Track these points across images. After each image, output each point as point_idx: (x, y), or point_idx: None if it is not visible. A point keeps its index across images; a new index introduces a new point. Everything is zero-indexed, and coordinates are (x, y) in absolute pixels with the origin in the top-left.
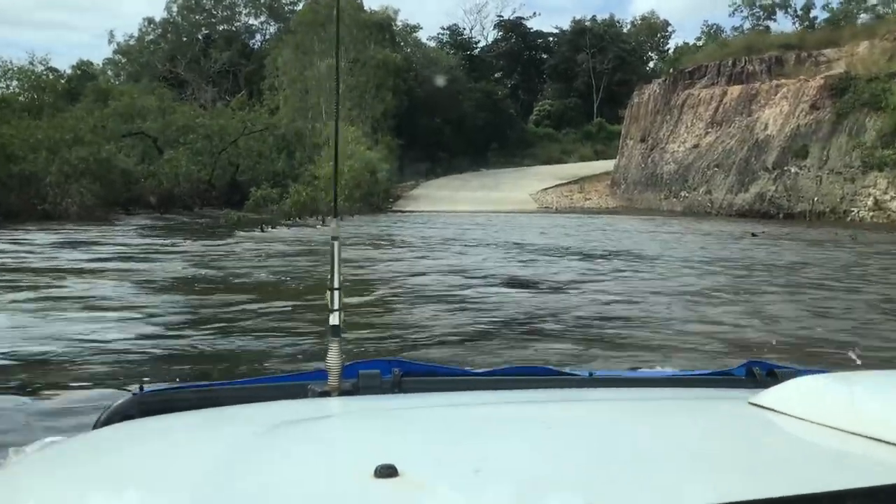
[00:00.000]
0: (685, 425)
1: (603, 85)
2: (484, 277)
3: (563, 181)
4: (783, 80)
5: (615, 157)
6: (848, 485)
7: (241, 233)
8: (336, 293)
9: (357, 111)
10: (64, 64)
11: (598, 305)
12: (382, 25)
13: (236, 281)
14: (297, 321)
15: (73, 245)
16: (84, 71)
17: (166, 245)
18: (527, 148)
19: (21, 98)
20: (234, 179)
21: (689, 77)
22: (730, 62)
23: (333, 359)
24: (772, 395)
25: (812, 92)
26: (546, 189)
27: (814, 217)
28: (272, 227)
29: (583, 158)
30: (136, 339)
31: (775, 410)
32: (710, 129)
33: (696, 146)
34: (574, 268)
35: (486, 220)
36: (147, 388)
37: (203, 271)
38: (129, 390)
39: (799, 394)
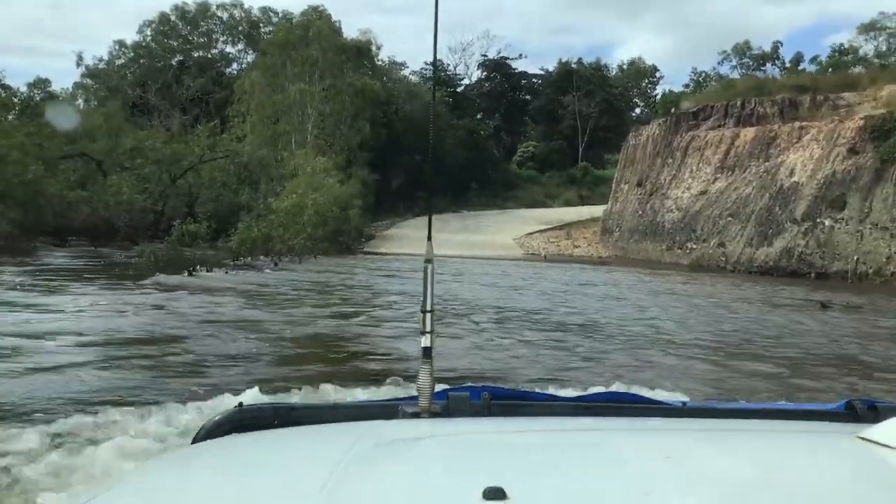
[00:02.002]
0: (793, 459)
1: (589, 128)
2: None
3: (549, 226)
4: (809, 122)
5: (601, 203)
6: None
7: (162, 278)
8: (428, 315)
9: (330, 140)
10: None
11: None
12: (361, 51)
13: None
14: None
15: None
16: (46, 91)
17: (46, 305)
18: (509, 190)
19: None
20: (192, 211)
21: (693, 118)
22: (738, 103)
23: (425, 381)
24: (883, 430)
25: (850, 134)
26: (531, 234)
27: (855, 278)
28: (207, 271)
29: (567, 203)
30: None
31: (887, 445)
32: (719, 175)
33: (703, 192)
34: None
35: (478, 268)
36: (246, 404)
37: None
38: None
39: None
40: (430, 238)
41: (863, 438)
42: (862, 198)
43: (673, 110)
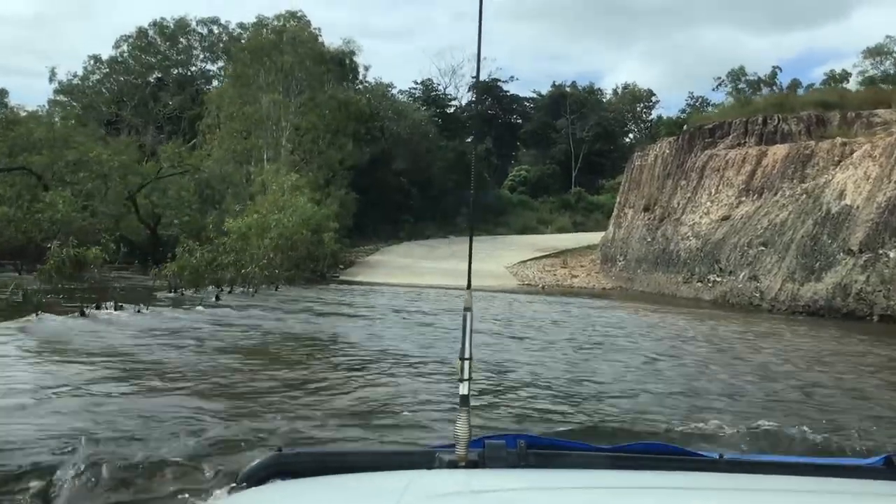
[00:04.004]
0: None
1: (582, 153)
2: None
3: (543, 253)
4: (851, 138)
5: (596, 230)
6: None
7: (35, 320)
8: (466, 363)
9: (307, 157)
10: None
11: None
12: (343, 62)
13: None
14: None
15: None
16: (3, 103)
17: None
18: (500, 215)
19: None
20: (154, 232)
21: (710, 135)
22: (759, 119)
23: (462, 429)
24: None
25: None
26: (525, 261)
27: None
28: (116, 308)
29: (561, 229)
30: None
31: None
32: (744, 198)
33: (726, 218)
34: None
35: (479, 304)
36: (285, 449)
37: None
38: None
39: None
40: (469, 286)
41: None
42: None
43: (685, 127)
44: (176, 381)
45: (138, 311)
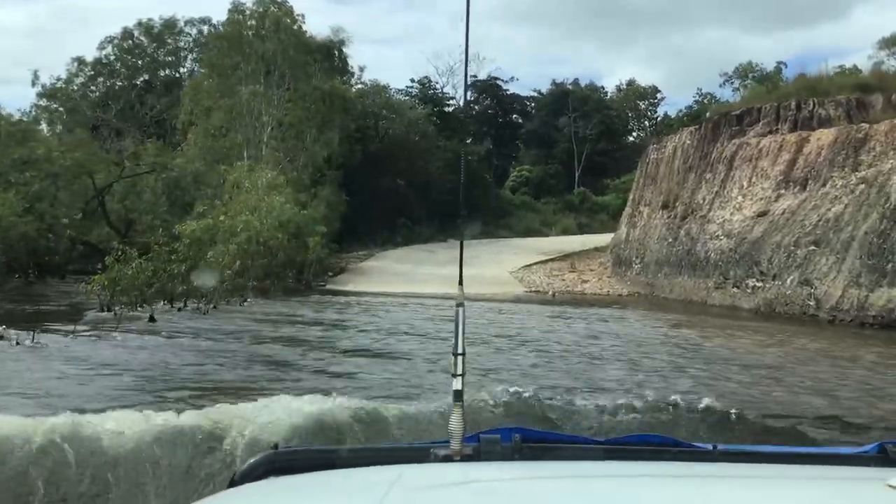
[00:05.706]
0: None
1: (585, 152)
2: None
3: (548, 257)
4: None
5: (601, 231)
6: None
7: None
8: (460, 359)
9: (290, 155)
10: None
11: None
12: (331, 52)
13: None
14: None
15: None
16: None
17: None
18: (502, 217)
19: None
20: (126, 239)
21: (737, 122)
22: (792, 104)
23: (456, 423)
24: None
25: None
26: (530, 266)
27: None
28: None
29: (565, 231)
30: None
31: None
32: (783, 190)
33: (763, 214)
34: None
35: (483, 319)
36: (281, 446)
37: None
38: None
39: None
40: (461, 283)
41: (893, 487)
42: None
43: (707, 114)
44: None
45: (17, 343)
